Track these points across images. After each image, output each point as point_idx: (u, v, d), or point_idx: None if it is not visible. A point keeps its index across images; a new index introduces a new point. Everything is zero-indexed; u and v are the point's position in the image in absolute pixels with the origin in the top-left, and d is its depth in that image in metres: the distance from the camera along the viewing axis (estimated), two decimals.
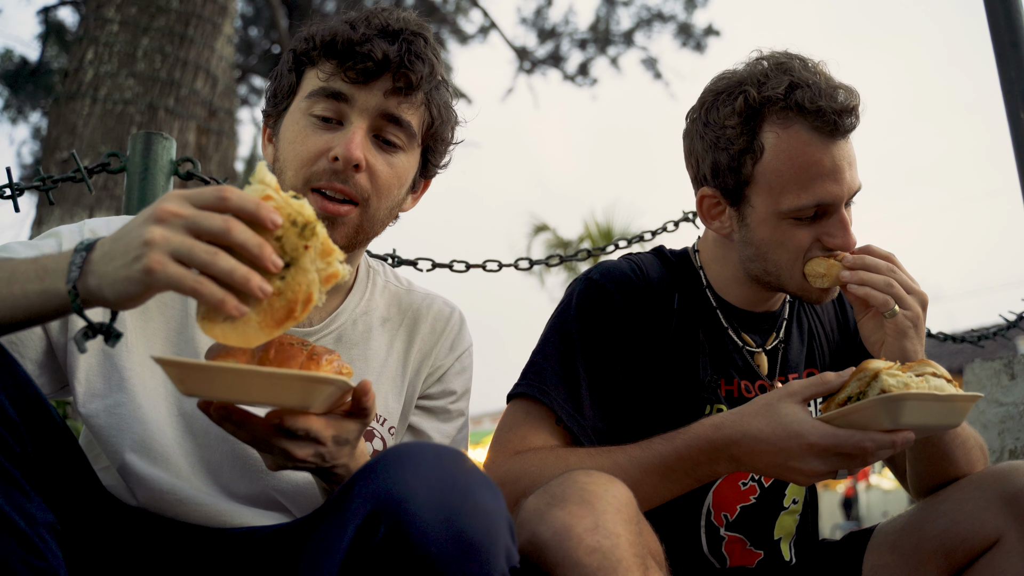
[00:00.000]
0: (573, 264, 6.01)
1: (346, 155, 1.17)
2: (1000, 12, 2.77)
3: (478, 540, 0.85)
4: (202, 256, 0.81)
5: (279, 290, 0.87)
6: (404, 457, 0.90)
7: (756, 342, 1.53)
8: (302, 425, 0.95)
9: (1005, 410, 2.45)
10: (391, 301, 1.39)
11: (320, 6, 10.72)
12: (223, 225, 0.82)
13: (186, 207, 0.82)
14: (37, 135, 10.30)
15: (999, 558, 1.26)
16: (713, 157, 1.42)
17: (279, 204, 0.87)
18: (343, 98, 1.20)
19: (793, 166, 1.34)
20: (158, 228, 0.81)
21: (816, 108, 1.31)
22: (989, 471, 1.35)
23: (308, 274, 0.88)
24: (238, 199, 0.83)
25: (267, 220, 0.84)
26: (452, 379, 1.40)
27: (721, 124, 1.40)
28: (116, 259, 0.83)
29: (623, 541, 0.99)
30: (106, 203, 5.06)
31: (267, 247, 0.84)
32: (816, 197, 1.34)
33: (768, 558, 1.50)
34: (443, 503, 0.85)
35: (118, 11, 5.41)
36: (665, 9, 11.93)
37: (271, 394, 0.91)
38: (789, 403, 1.16)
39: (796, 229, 1.37)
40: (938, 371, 1.15)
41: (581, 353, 1.40)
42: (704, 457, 1.20)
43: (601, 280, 1.46)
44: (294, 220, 0.87)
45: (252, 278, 0.83)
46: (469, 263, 2.38)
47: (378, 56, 1.18)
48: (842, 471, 1.17)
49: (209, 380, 0.90)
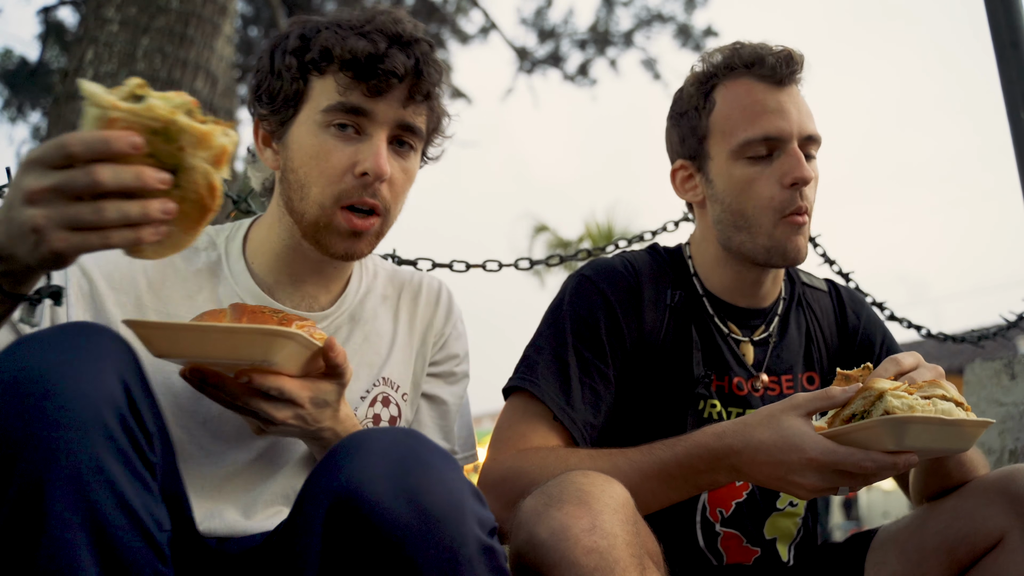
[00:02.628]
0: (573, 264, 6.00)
1: (377, 170, 1.19)
2: (1000, 12, 2.77)
3: (443, 511, 0.86)
4: (89, 217, 0.80)
5: (180, 197, 0.85)
6: (356, 445, 0.92)
7: (743, 333, 1.54)
8: (273, 384, 0.99)
9: (1005, 410, 2.45)
10: (385, 280, 1.45)
11: (320, 6, 10.72)
12: (89, 179, 0.79)
13: (46, 177, 0.80)
14: (37, 135, 10.30)
15: (1003, 557, 1.25)
16: (678, 128, 1.54)
17: (129, 120, 0.80)
18: (362, 112, 1.21)
19: (740, 107, 1.44)
20: (36, 211, 0.80)
21: (758, 57, 1.44)
22: (992, 473, 1.35)
23: (198, 169, 0.85)
24: (84, 146, 0.79)
25: (126, 148, 0.80)
26: (453, 343, 1.47)
27: (682, 98, 1.53)
28: (19, 243, 0.82)
29: (620, 541, 0.99)
30: None
31: (144, 173, 0.81)
32: (763, 130, 1.41)
33: (765, 556, 1.50)
34: (400, 482, 0.87)
35: (118, 11, 5.40)
36: (665, 10, 11.93)
37: (232, 348, 0.94)
38: (792, 416, 1.15)
39: (752, 169, 1.42)
40: (948, 393, 1.12)
41: (573, 348, 1.41)
42: (704, 465, 1.20)
43: (594, 277, 1.48)
44: (153, 130, 0.82)
45: (149, 209, 0.81)
46: (469, 263, 2.38)
47: (399, 72, 1.19)
48: (843, 488, 1.16)
49: (173, 338, 0.93)
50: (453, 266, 2.36)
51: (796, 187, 1.40)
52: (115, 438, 0.83)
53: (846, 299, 1.68)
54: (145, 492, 0.86)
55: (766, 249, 1.43)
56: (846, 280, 2.73)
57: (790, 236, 1.41)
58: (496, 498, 1.29)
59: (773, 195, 1.41)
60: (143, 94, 0.84)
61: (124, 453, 0.83)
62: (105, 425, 0.82)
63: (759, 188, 1.42)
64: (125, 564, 0.82)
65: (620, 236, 2.80)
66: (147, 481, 0.86)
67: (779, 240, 1.42)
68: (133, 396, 0.86)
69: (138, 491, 0.84)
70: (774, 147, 1.42)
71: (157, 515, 0.87)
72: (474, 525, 0.88)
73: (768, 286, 1.56)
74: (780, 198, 1.41)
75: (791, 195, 1.41)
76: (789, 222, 1.41)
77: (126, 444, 0.84)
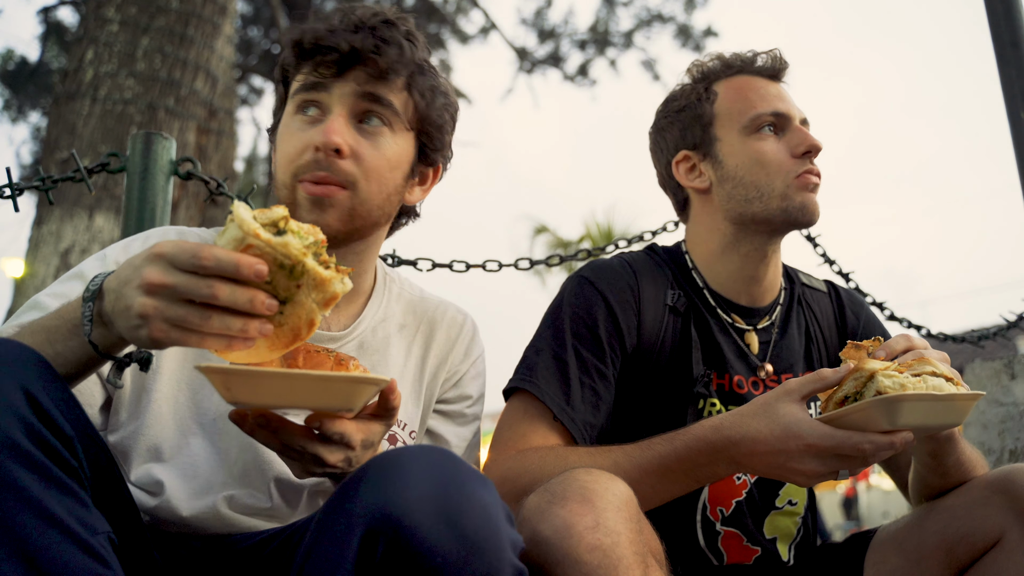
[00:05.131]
0: (573, 264, 6.00)
1: (324, 141, 1.19)
2: (1000, 12, 2.78)
3: (483, 536, 0.85)
4: (196, 322, 0.83)
5: (279, 323, 0.88)
6: (394, 465, 0.89)
7: (747, 323, 1.55)
8: (339, 429, 0.96)
9: (1005, 410, 2.45)
10: (406, 308, 1.40)
11: (320, 5, 10.72)
12: (208, 292, 0.83)
13: (170, 275, 0.83)
14: (37, 135, 10.29)
15: (1003, 557, 1.25)
16: (679, 124, 1.60)
17: (262, 249, 0.85)
18: (321, 87, 1.22)
19: (744, 94, 1.55)
20: (149, 300, 0.83)
21: (751, 58, 1.58)
22: (991, 473, 1.35)
23: (305, 306, 0.88)
24: (216, 263, 0.82)
25: (251, 276, 0.83)
26: (468, 384, 1.42)
27: (678, 99, 1.61)
28: (121, 320, 0.87)
29: (624, 539, 0.99)
30: (106, 203, 5.06)
31: (258, 298, 0.84)
32: (772, 106, 1.52)
33: (765, 555, 1.50)
34: (440, 506, 0.84)
35: (118, 11, 5.40)
36: (664, 10, 11.94)
37: (317, 397, 0.91)
38: (787, 402, 1.16)
39: (764, 143, 1.51)
40: (938, 369, 1.13)
41: (572, 349, 1.42)
42: (703, 458, 1.20)
43: (592, 278, 1.49)
44: (281, 263, 0.86)
45: (249, 328, 0.85)
46: (469, 263, 2.38)
47: (344, 48, 1.20)
48: (843, 472, 1.16)
49: (255, 385, 0.89)
50: (453, 266, 2.36)
51: (808, 155, 1.50)
52: (24, 450, 0.81)
53: (845, 300, 1.69)
54: (68, 498, 0.84)
55: (782, 210, 1.49)
56: (846, 280, 2.73)
57: (803, 193, 1.49)
58: None
59: (784, 162, 1.50)
60: (284, 228, 0.88)
61: (37, 463, 0.82)
62: (9, 438, 0.81)
63: (773, 157, 1.50)
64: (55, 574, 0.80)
65: (620, 236, 2.80)
66: (69, 487, 0.85)
67: (792, 198, 1.48)
68: (41, 403, 0.85)
69: (59, 499, 0.83)
70: (783, 124, 1.52)
71: (87, 519, 0.85)
72: (509, 551, 0.87)
73: (768, 282, 1.57)
74: (792, 164, 1.49)
75: (802, 162, 1.50)
76: (801, 182, 1.49)
77: (38, 454, 0.82)
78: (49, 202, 1.95)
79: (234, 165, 6.29)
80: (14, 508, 0.79)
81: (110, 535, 0.88)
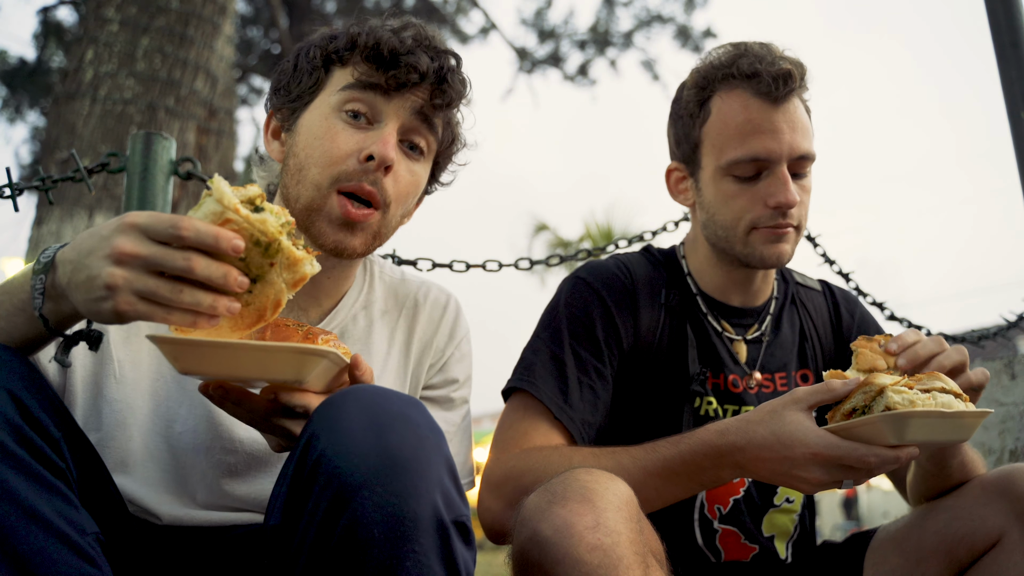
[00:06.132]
0: (573, 264, 5.99)
1: (382, 154, 1.15)
2: (1000, 12, 2.77)
3: (408, 455, 0.84)
4: (166, 295, 0.82)
5: (247, 302, 0.89)
6: (332, 400, 0.90)
7: (736, 332, 1.55)
8: (299, 401, 0.95)
9: (1005, 410, 2.45)
10: (388, 293, 1.37)
11: (320, 6, 10.72)
12: (184, 264, 0.82)
13: (143, 245, 0.82)
14: (36, 135, 10.29)
15: (1002, 557, 1.26)
16: (675, 130, 1.56)
17: (240, 224, 0.85)
18: (379, 91, 1.18)
19: (732, 123, 1.44)
20: (119, 270, 0.81)
21: (754, 72, 1.42)
22: (991, 473, 1.35)
23: (275, 285, 0.89)
24: (195, 234, 0.82)
25: (228, 250, 0.83)
26: (453, 367, 1.39)
27: (681, 100, 1.54)
28: (82, 291, 0.84)
29: (624, 539, 0.99)
30: (106, 203, 5.06)
31: (231, 274, 0.84)
32: (752, 151, 1.41)
33: (763, 553, 1.50)
34: (372, 420, 0.86)
35: (118, 11, 5.40)
36: (664, 11, 11.94)
37: (263, 368, 0.91)
38: (794, 410, 1.16)
39: (737, 187, 1.44)
40: (947, 385, 1.13)
41: (570, 348, 1.42)
42: (708, 463, 1.20)
43: (588, 278, 1.51)
44: (257, 240, 0.86)
45: (218, 304, 0.84)
46: (469, 263, 2.38)
47: (422, 68, 1.17)
48: (847, 481, 1.16)
49: (202, 355, 0.90)
50: (453, 266, 2.36)
51: (779, 209, 1.42)
52: (11, 451, 0.82)
53: (840, 299, 1.70)
54: (56, 498, 0.84)
55: (743, 255, 1.47)
56: (846, 280, 2.74)
57: (765, 244, 1.44)
58: (499, 497, 1.29)
59: (752, 210, 1.43)
60: (261, 205, 0.89)
61: (24, 465, 0.82)
62: None
63: (739, 204, 1.44)
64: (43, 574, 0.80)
65: (620, 236, 2.80)
66: (57, 488, 0.85)
67: (753, 247, 1.45)
68: (27, 405, 0.85)
69: (47, 499, 0.83)
70: (762, 167, 1.43)
71: (75, 519, 0.85)
72: (435, 487, 0.85)
73: (759, 284, 1.58)
74: (759, 214, 1.43)
75: (772, 214, 1.43)
76: (766, 234, 1.44)
77: (25, 456, 0.83)
78: (49, 202, 1.95)
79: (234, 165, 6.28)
80: (2, 510, 0.80)
81: (98, 535, 0.88)
